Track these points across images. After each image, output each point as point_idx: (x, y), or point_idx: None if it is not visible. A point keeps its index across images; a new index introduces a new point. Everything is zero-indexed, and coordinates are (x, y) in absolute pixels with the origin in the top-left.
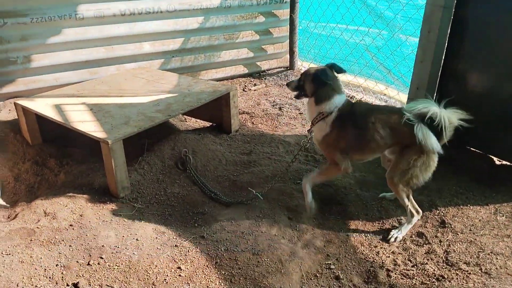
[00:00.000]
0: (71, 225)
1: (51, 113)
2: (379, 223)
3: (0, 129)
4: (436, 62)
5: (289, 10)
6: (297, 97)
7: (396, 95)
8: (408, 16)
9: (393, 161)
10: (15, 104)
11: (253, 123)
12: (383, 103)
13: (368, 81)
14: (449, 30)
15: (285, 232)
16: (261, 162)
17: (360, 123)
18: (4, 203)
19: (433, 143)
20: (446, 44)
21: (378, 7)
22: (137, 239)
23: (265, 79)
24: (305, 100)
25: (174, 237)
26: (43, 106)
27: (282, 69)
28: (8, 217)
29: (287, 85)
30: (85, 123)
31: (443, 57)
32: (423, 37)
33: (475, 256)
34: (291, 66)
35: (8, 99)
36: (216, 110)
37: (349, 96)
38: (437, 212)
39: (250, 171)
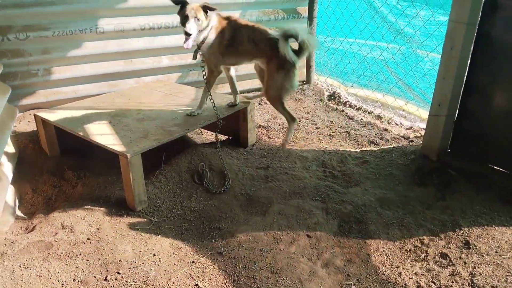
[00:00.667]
0: (88, 239)
1: (70, 126)
2: (400, 243)
3: (19, 140)
4: (459, 79)
5: (306, 25)
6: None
7: (416, 111)
8: (428, 32)
9: (265, 79)
10: (34, 116)
11: (269, 137)
12: (402, 119)
13: (387, 96)
14: (472, 46)
15: (304, 251)
16: (278, 177)
17: (233, 35)
18: (22, 215)
19: (291, 55)
20: (469, 60)
21: (397, 23)
22: (154, 254)
23: None
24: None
25: (191, 252)
26: (62, 118)
27: (299, 83)
28: (26, 229)
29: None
30: (104, 136)
31: (466, 74)
32: (446, 53)
33: (503, 280)
34: (308, 80)
35: (27, 110)
36: (233, 123)
37: (366, 110)
38: (461, 232)
39: (268, 187)
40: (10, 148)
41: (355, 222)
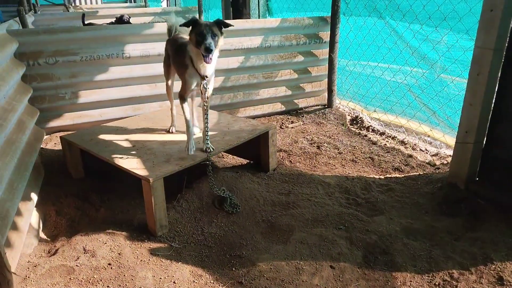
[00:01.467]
0: (109, 264)
1: (95, 149)
2: (428, 276)
3: (45, 162)
4: (486, 105)
5: (328, 50)
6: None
7: (442, 137)
8: (454, 58)
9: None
10: (60, 138)
11: (291, 161)
12: (428, 145)
13: (411, 122)
14: (499, 72)
15: (328, 283)
16: (300, 204)
17: None
18: (45, 237)
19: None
20: (497, 86)
21: (421, 48)
22: (174, 282)
23: (303, 116)
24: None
25: (212, 281)
26: (87, 141)
27: (320, 107)
28: (49, 252)
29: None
30: (128, 159)
31: (494, 100)
32: (472, 79)
33: None
34: (329, 104)
35: (54, 132)
36: (254, 148)
37: (389, 136)
38: (493, 266)
39: (289, 213)
40: (36, 170)
41: (381, 253)
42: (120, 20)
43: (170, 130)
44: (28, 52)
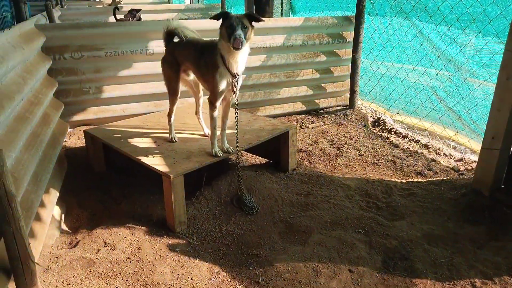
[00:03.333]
0: (128, 258)
1: (117, 144)
2: (449, 284)
3: (68, 155)
4: None
5: (351, 49)
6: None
7: (467, 142)
8: (481, 61)
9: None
10: (84, 132)
11: (310, 162)
12: (452, 150)
13: (435, 125)
14: None
15: (346, 286)
16: (319, 206)
17: None
18: (66, 229)
19: None
20: None
21: (448, 50)
22: (191, 279)
23: (323, 117)
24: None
25: (229, 279)
26: (110, 136)
27: (341, 107)
28: (70, 244)
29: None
30: (149, 155)
31: None
32: (501, 84)
33: None
34: (351, 105)
35: (77, 126)
36: (273, 147)
37: (412, 139)
38: None
39: (308, 215)
40: (60, 162)
41: (401, 259)
42: (131, 14)
43: (173, 140)
44: (55, 47)
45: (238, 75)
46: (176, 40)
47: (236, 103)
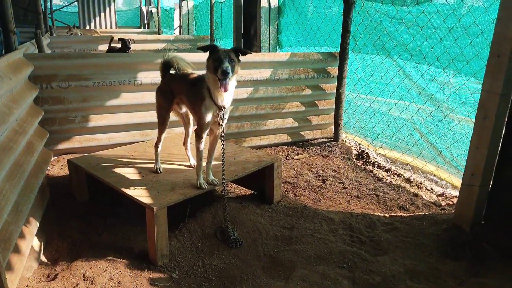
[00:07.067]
0: None
1: (101, 174)
2: None
3: (51, 184)
4: (493, 148)
5: (336, 84)
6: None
7: (448, 177)
8: (461, 99)
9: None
10: (68, 161)
11: (295, 194)
12: (433, 184)
13: (417, 160)
14: (506, 117)
15: None
16: (303, 240)
17: None
18: (45, 260)
19: None
20: (504, 130)
21: (429, 88)
22: None
23: (308, 148)
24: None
25: None
26: (94, 166)
27: (326, 140)
28: (48, 276)
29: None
30: (133, 186)
31: (501, 143)
32: (479, 123)
33: None
34: (336, 137)
35: (62, 154)
36: (258, 179)
37: (395, 173)
38: None
39: (292, 249)
40: (41, 191)
41: None
42: (123, 41)
43: (158, 170)
44: (43, 76)
45: (224, 107)
46: (172, 72)
47: (223, 135)
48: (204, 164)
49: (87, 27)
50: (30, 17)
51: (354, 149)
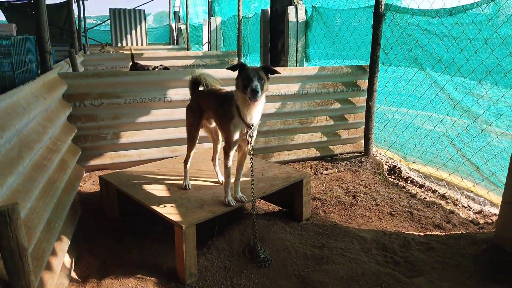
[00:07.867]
0: None
1: (131, 190)
2: None
3: (82, 200)
4: None
5: (365, 97)
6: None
7: (486, 194)
8: (499, 113)
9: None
10: (99, 178)
11: (325, 211)
12: (470, 201)
13: (453, 176)
14: None
15: None
16: (334, 259)
17: None
18: (76, 277)
19: None
20: None
21: (464, 101)
22: None
23: (338, 163)
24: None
25: None
26: (124, 182)
27: (356, 154)
28: None
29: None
30: (162, 203)
31: None
32: None
33: None
34: (366, 152)
35: (93, 171)
36: (287, 195)
37: (429, 189)
38: None
39: (323, 269)
40: (73, 208)
41: None
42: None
43: (187, 187)
44: (76, 94)
45: (253, 125)
46: (201, 88)
47: (251, 153)
48: (232, 180)
49: (119, 45)
50: (66, 36)
51: (386, 164)
